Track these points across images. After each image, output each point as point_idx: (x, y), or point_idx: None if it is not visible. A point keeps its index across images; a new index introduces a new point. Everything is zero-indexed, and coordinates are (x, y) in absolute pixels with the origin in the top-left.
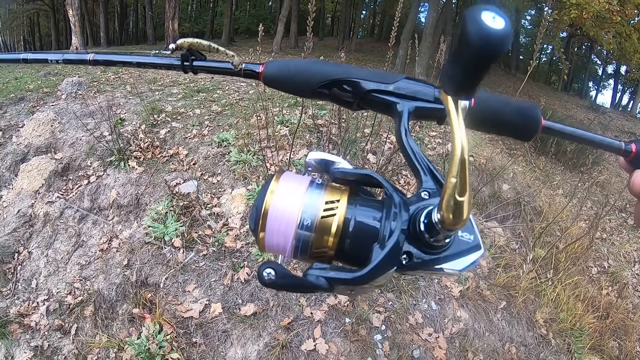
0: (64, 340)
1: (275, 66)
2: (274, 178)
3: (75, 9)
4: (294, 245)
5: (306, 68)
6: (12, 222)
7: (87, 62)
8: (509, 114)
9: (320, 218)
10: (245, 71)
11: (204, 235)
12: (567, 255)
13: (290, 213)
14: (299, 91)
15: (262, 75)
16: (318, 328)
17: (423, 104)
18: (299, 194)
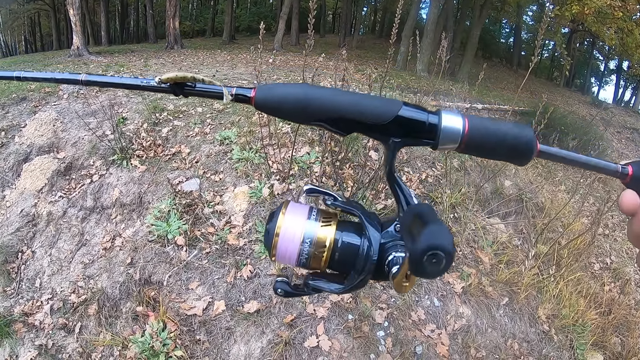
0: (68, 338)
1: (268, 92)
2: (281, 209)
3: (76, 8)
4: (297, 259)
5: (300, 97)
6: (16, 221)
7: (79, 82)
8: (503, 140)
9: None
10: (237, 96)
11: (206, 233)
12: (569, 252)
13: (295, 236)
14: (291, 119)
15: (254, 100)
16: (321, 325)
17: (414, 140)
18: (301, 222)
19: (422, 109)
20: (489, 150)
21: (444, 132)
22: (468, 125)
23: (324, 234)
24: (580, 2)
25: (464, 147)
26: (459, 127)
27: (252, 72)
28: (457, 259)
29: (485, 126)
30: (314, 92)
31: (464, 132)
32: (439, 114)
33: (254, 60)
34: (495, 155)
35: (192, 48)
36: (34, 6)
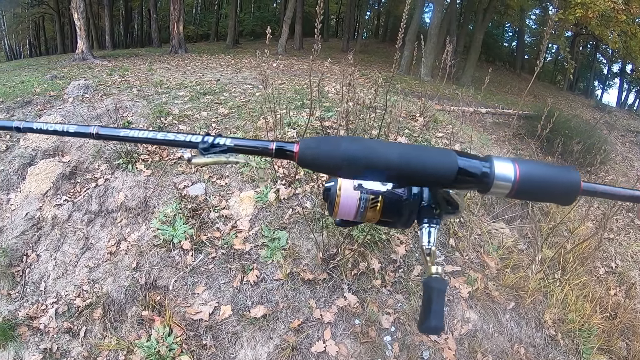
0: (73, 342)
1: (314, 146)
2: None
3: (80, 12)
4: (356, 212)
5: (353, 154)
6: (21, 225)
7: (91, 135)
8: (551, 183)
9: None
10: (277, 150)
11: (212, 237)
12: (574, 256)
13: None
14: (340, 174)
15: (297, 156)
16: (328, 330)
17: (463, 187)
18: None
19: (474, 157)
20: (538, 195)
21: (497, 180)
22: (519, 173)
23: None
24: (584, 6)
25: (514, 193)
26: (511, 175)
27: (257, 76)
28: (463, 263)
29: (535, 173)
30: (367, 149)
31: (515, 180)
32: (491, 162)
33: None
34: (543, 199)
35: (196, 52)
36: (38, 10)
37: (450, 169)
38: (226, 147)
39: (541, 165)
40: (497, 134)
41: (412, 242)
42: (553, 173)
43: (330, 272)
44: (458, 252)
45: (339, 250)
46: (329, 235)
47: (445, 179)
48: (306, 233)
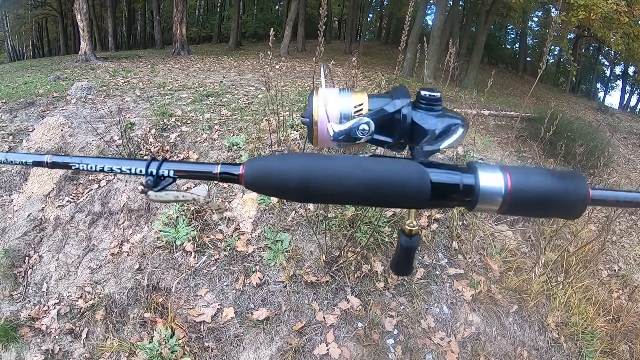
0: (75, 343)
1: (261, 167)
2: (314, 94)
3: (83, 14)
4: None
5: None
6: (23, 226)
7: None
8: (552, 193)
9: (353, 101)
10: (221, 175)
11: (215, 239)
12: (577, 259)
13: (333, 113)
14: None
15: (243, 179)
16: (331, 332)
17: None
18: (334, 100)
19: (451, 168)
20: (536, 210)
21: (482, 194)
22: (511, 184)
23: (359, 111)
24: (586, 8)
25: (506, 209)
26: (500, 186)
27: (259, 78)
28: (466, 266)
29: (531, 182)
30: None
31: (506, 192)
32: (475, 171)
33: (261, 67)
34: (543, 214)
35: (199, 54)
36: (41, 11)
37: (422, 186)
38: (170, 173)
39: (538, 173)
40: (500, 136)
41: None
42: (553, 181)
43: (333, 275)
44: (461, 254)
45: (342, 252)
46: (332, 237)
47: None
48: (309, 235)
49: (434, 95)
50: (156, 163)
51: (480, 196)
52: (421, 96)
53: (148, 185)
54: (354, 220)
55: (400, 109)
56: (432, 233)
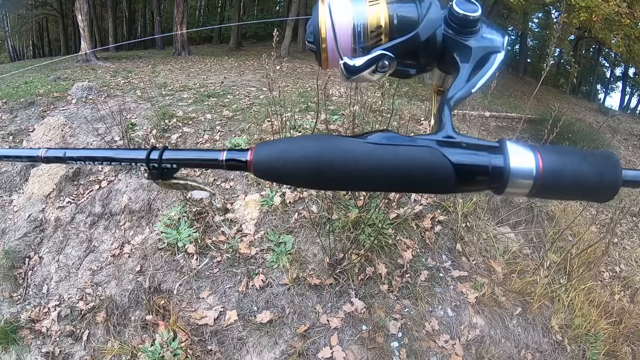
0: (75, 346)
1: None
2: (319, 2)
3: (84, 14)
4: (352, 48)
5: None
6: (23, 226)
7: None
8: (585, 175)
9: (369, 15)
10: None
11: (217, 241)
12: (580, 261)
13: (344, 22)
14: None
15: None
16: (335, 335)
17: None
18: (345, 5)
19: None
20: (566, 192)
21: (512, 176)
22: (542, 165)
23: (375, 5)
24: (588, 10)
25: (536, 191)
26: (532, 167)
27: (260, 79)
28: (470, 268)
29: (563, 163)
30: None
31: (537, 173)
32: (504, 149)
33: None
34: (573, 196)
35: (200, 54)
36: (42, 11)
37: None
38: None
39: (569, 153)
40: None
41: (419, 246)
42: (587, 163)
43: (337, 277)
44: (465, 257)
45: (346, 255)
46: (336, 239)
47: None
48: (312, 237)
49: (472, 15)
50: (157, 152)
51: (510, 179)
52: (455, 15)
53: (152, 175)
54: (358, 222)
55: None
56: (435, 235)
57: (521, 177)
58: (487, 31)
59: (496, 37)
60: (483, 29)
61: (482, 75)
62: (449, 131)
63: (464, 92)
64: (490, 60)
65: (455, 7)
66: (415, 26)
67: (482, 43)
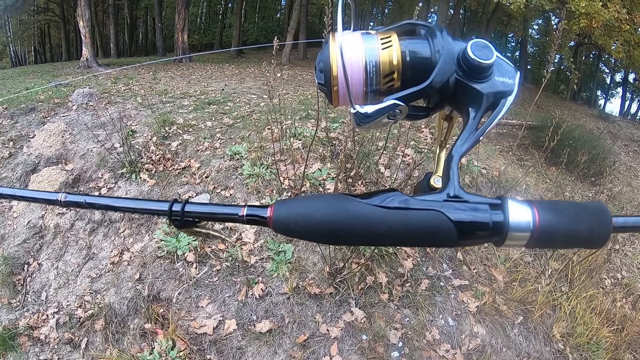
0: (74, 354)
1: (289, 210)
2: (330, 39)
3: (85, 20)
4: (364, 91)
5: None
6: (22, 233)
7: (58, 202)
8: (578, 227)
9: (381, 54)
10: (248, 217)
11: (217, 250)
12: (582, 268)
13: (356, 62)
14: (328, 242)
15: (272, 222)
16: (335, 345)
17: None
18: (357, 43)
19: (479, 203)
20: (561, 243)
21: (512, 231)
22: (539, 219)
23: (387, 44)
24: (588, 16)
25: (533, 243)
26: (529, 222)
27: (261, 86)
28: (471, 277)
29: (558, 217)
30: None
31: (534, 227)
32: (504, 207)
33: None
34: (567, 246)
35: (201, 61)
36: (44, 17)
37: (449, 232)
38: (197, 215)
39: (564, 207)
40: (502, 145)
41: (420, 255)
42: (579, 215)
43: (337, 287)
44: (466, 265)
45: (346, 264)
46: (336, 248)
47: (446, 243)
48: (312, 246)
49: (486, 62)
50: (179, 205)
51: (509, 233)
52: (468, 60)
53: (174, 224)
54: None
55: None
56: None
57: (519, 231)
58: (500, 72)
59: (509, 80)
60: (496, 71)
61: (490, 122)
62: (456, 190)
63: (471, 143)
64: (501, 104)
65: (469, 52)
66: (429, 69)
67: (494, 88)
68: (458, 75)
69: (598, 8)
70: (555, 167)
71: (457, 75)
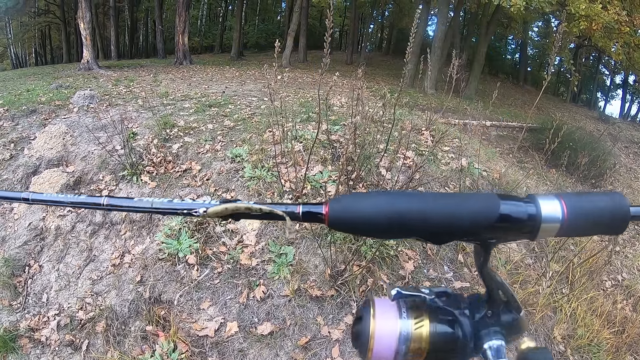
0: (75, 356)
1: (346, 207)
2: (371, 314)
3: (86, 22)
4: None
5: (390, 213)
6: (23, 235)
7: (101, 206)
8: (600, 214)
9: (413, 334)
10: (304, 215)
11: (218, 252)
12: (582, 270)
13: (391, 337)
14: (377, 236)
15: (327, 218)
16: (336, 347)
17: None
18: (393, 322)
19: (517, 199)
20: (586, 230)
21: (544, 223)
22: (566, 210)
23: (419, 332)
24: (588, 18)
25: (562, 233)
26: (558, 214)
27: (262, 88)
28: (472, 279)
29: (583, 206)
30: (402, 204)
31: (563, 218)
32: (536, 202)
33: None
34: (591, 232)
35: (201, 64)
36: (44, 19)
37: (489, 216)
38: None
39: (587, 197)
40: (502, 147)
41: (421, 257)
42: (600, 204)
43: (338, 289)
44: (466, 267)
45: (347, 266)
46: (337, 251)
47: (481, 227)
48: (313, 249)
49: None
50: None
51: (542, 227)
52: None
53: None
54: None
55: None
56: (437, 246)
57: (550, 221)
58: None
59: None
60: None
61: None
62: None
63: None
64: None
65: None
66: (454, 343)
67: None
68: None
69: (598, 10)
70: (556, 169)
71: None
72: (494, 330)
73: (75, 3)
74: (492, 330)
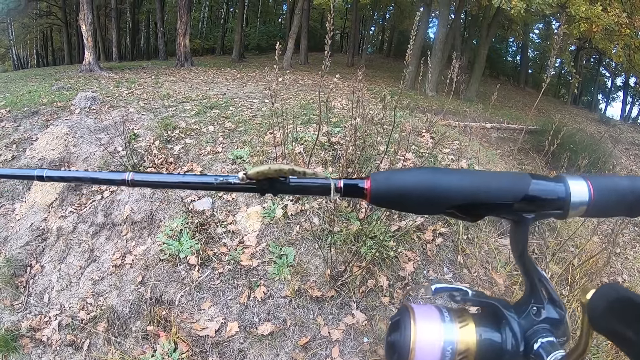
0: (76, 356)
1: (387, 182)
2: (411, 321)
3: (88, 24)
4: None
5: (428, 187)
6: (25, 235)
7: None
8: (624, 196)
9: (459, 346)
10: (345, 189)
11: (219, 253)
12: (582, 272)
13: (434, 347)
14: (415, 211)
15: (369, 193)
16: (336, 347)
17: (544, 214)
18: (437, 328)
19: (547, 178)
20: (611, 211)
21: (573, 201)
22: (593, 190)
23: (465, 337)
24: (588, 20)
25: (590, 212)
26: (585, 193)
27: (263, 90)
28: (471, 280)
29: (608, 187)
30: (441, 179)
31: (590, 198)
32: (564, 181)
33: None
34: (615, 214)
35: (202, 66)
36: (46, 21)
37: (519, 191)
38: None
39: (610, 179)
40: (502, 149)
41: (420, 259)
42: (624, 185)
43: (339, 290)
44: (466, 269)
45: (347, 267)
46: (337, 252)
47: (511, 201)
48: (314, 250)
49: None
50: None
51: (571, 204)
52: None
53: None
54: (359, 235)
55: None
56: (436, 247)
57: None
58: None
59: None
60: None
61: None
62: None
63: None
64: None
65: None
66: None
67: None
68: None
69: (598, 12)
70: (556, 171)
71: None
72: (542, 327)
73: (77, 5)
74: (540, 327)
